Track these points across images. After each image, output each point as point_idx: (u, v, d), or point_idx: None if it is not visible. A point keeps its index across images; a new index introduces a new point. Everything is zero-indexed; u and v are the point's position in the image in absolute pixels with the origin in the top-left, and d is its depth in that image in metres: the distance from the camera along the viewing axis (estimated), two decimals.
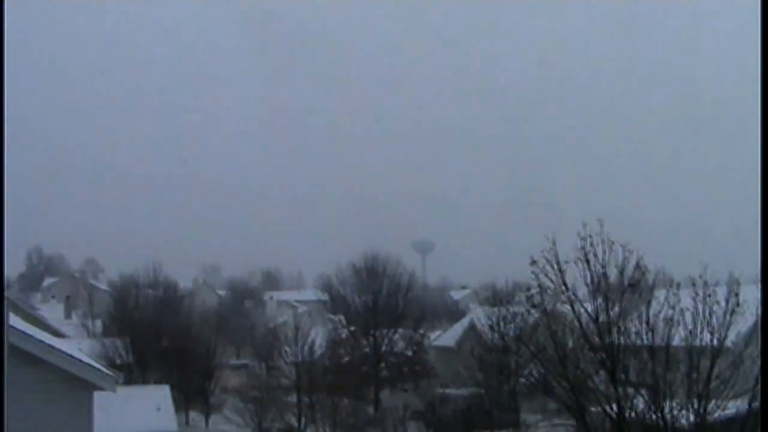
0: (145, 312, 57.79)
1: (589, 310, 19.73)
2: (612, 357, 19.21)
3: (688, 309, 18.50)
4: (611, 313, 19.49)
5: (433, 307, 76.32)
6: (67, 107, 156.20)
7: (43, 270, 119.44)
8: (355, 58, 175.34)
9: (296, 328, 48.91)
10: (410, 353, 54.36)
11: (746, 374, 18.02)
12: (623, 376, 19.31)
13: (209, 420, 45.87)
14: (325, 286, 61.55)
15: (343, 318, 56.87)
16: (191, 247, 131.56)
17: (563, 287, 19.73)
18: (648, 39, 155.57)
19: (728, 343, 18.87)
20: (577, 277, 19.67)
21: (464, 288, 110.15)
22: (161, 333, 48.52)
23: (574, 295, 19.83)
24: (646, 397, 19.04)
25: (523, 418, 38.85)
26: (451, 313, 78.62)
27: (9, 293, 31.08)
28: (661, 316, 18.93)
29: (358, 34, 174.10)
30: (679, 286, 19.43)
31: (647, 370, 18.90)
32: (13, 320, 13.26)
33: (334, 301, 59.88)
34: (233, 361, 65.86)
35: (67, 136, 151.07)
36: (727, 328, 18.55)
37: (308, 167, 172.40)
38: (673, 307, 18.70)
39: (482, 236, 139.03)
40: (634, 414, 19.16)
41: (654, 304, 19.34)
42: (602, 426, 20.16)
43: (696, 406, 18.58)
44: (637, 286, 19.82)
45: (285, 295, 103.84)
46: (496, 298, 43.06)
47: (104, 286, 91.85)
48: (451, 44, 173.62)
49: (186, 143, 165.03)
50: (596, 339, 19.73)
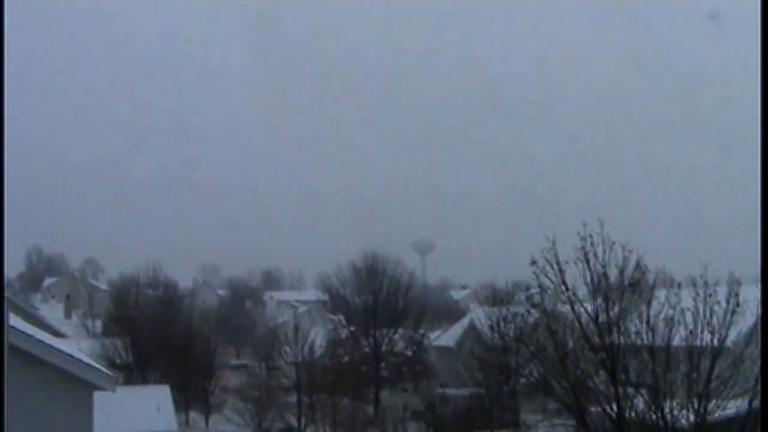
0: (145, 312, 57.78)
1: (589, 310, 19.73)
2: (612, 357, 19.21)
3: (688, 309, 18.50)
4: (611, 313, 19.49)
5: (433, 307, 76.32)
6: (67, 107, 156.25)
7: (43, 270, 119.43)
8: (355, 57, 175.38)
9: (296, 328, 48.94)
10: (410, 353, 54.38)
11: (746, 374, 18.02)
12: (623, 376, 19.32)
13: (209, 420, 45.88)
14: (325, 286, 61.58)
15: (343, 318, 56.89)
16: (191, 247, 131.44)
17: (563, 287, 19.73)
18: (648, 38, 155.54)
19: (728, 343, 18.87)
20: (577, 277, 19.69)
21: (464, 288, 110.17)
22: (161, 333, 48.49)
23: (574, 295, 19.84)
24: (646, 397, 19.05)
25: (523, 418, 38.85)
26: (451, 313, 78.63)
27: (9, 293, 31.06)
28: (662, 316, 18.94)
29: (358, 35, 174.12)
30: (679, 286, 19.44)
31: (647, 370, 18.91)
32: (13, 320, 13.26)
33: (334, 301, 59.90)
34: (233, 361, 65.88)
35: (67, 136, 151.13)
36: (728, 328, 18.56)
37: (308, 167, 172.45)
38: (674, 307, 18.70)
39: (482, 236, 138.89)
40: (634, 414, 19.17)
41: (654, 304, 19.34)
42: (602, 426, 20.15)
43: (696, 406, 18.58)
44: (637, 286, 19.83)
45: (285, 295, 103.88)
46: (496, 298, 43.02)
47: (104, 286, 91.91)
48: (450, 43, 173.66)
49: (186, 143, 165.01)
50: (596, 339, 19.73)
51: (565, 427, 28.39)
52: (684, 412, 18.81)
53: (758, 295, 9.50)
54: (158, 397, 30.30)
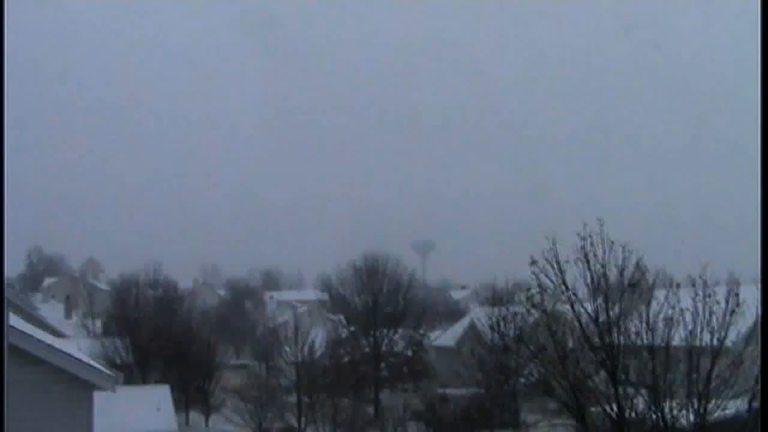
0: (145, 312, 57.72)
1: (589, 310, 19.73)
2: (612, 357, 19.21)
3: (688, 309, 18.50)
4: (611, 313, 19.49)
5: (433, 307, 76.29)
6: (66, 107, 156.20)
7: (43, 270, 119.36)
8: (355, 58, 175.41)
9: (296, 328, 48.92)
10: (410, 353, 54.39)
11: (746, 374, 18.01)
12: (623, 376, 19.31)
13: (209, 420, 45.86)
14: (325, 286, 61.55)
15: (343, 318, 56.89)
16: (191, 247, 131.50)
17: (563, 287, 19.74)
18: (648, 37, 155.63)
19: (728, 343, 18.87)
20: (577, 277, 19.69)
21: (464, 288, 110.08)
22: (161, 333, 48.47)
23: (574, 295, 19.84)
24: (646, 397, 19.04)
25: (523, 418, 38.85)
26: (451, 313, 78.56)
27: (9, 293, 31.03)
28: (661, 316, 18.94)
29: (358, 35, 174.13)
30: (679, 286, 19.43)
31: (647, 370, 18.90)
32: (13, 320, 13.26)
33: (334, 301, 59.89)
34: (233, 361, 65.85)
35: (67, 136, 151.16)
36: (727, 328, 18.56)
37: (308, 167, 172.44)
38: (673, 307, 18.70)
39: (482, 236, 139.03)
40: (634, 414, 19.16)
41: (654, 304, 19.34)
42: (602, 426, 20.15)
43: (696, 406, 18.58)
44: (637, 286, 19.84)
45: (285, 295, 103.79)
46: (496, 298, 43.07)
47: (104, 286, 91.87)
48: (450, 44, 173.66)
49: (186, 143, 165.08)
50: (596, 339, 19.73)
51: (565, 427, 28.41)
52: (684, 412, 18.80)
53: (758, 295, 9.48)
54: (158, 397, 30.33)
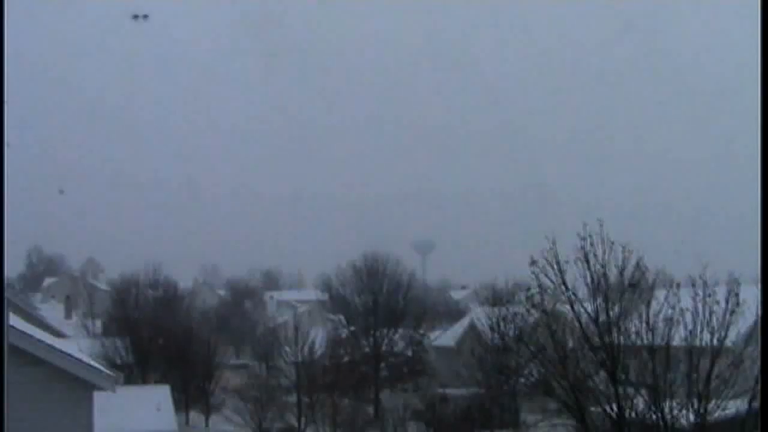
0: (145, 312, 57.77)
1: (589, 310, 19.73)
2: (612, 357, 19.22)
3: (688, 309, 18.50)
4: (611, 313, 19.49)
5: (433, 307, 76.28)
6: (66, 107, 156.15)
7: (43, 270, 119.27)
8: (355, 58, 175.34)
9: (296, 328, 48.97)
10: (410, 353, 54.41)
11: (746, 374, 18.01)
12: (623, 376, 19.31)
13: (209, 420, 45.85)
14: (325, 286, 61.57)
15: (343, 318, 56.89)
16: (191, 247, 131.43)
17: (563, 287, 19.74)
18: (648, 36, 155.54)
19: (728, 343, 18.86)
20: (577, 277, 19.69)
21: (464, 288, 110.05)
22: (161, 333, 48.49)
23: (574, 295, 19.84)
24: (646, 397, 19.04)
25: (523, 418, 38.84)
26: (451, 313, 78.54)
27: (9, 293, 31.02)
28: (661, 316, 18.94)
29: (358, 35, 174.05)
30: (679, 286, 19.43)
31: (647, 370, 18.90)
32: (13, 320, 13.26)
33: (334, 301, 59.90)
34: (233, 361, 65.81)
35: (67, 136, 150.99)
36: (727, 328, 18.56)
37: (308, 167, 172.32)
38: (673, 307, 18.71)
39: (482, 236, 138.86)
40: (634, 414, 19.17)
41: (654, 304, 19.34)
42: (602, 426, 20.16)
43: (696, 406, 18.58)
44: (637, 286, 19.83)
45: (285, 295, 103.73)
46: (496, 298, 43.05)
47: (104, 286, 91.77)
48: (450, 43, 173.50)
49: (186, 143, 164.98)
50: (596, 339, 19.74)
51: (565, 427, 28.41)
52: (684, 412, 18.81)
53: (758, 295, 9.48)
54: (158, 397, 30.31)
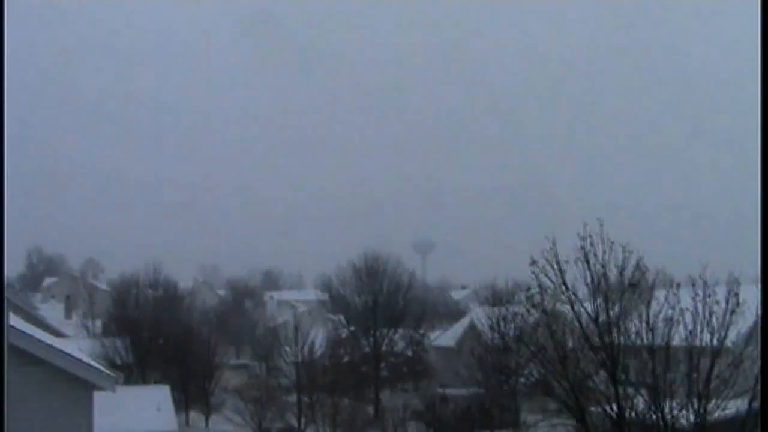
0: (145, 312, 57.73)
1: (589, 310, 19.71)
2: (612, 357, 19.20)
3: (688, 309, 18.48)
4: (611, 313, 19.47)
5: (433, 307, 76.32)
6: (66, 107, 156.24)
7: (43, 270, 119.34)
8: (355, 58, 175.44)
9: (296, 328, 48.96)
10: (410, 353, 54.42)
11: (746, 374, 17.99)
12: (623, 376, 19.30)
13: (209, 420, 45.85)
14: (325, 286, 61.59)
15: (343, 318, 56.91)
16: (191, 247, 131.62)
17: (563, 287, 19.71)
18: (648, 36, 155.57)
19: (728, 343, 18.85)
20: (577, 277, 19.66)
21: (464, 288, 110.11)
22: (161, 333, 48.49)
23: (574, 295, 19.81)
24: (646, 397, 19.03)
25: (523, 418, 38.85)
26: (451, 313, 78.58)
27: (9, 293, 31.03)
28: (661, 316, 18.91)
29: (358, 35, 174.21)
30: (679, 286, 19.41)
31: (647, 370, 18.88)
32: (13, 320, 13.25)
33: (334, 301, 59.91)
34: (233, 361, 65.85)
35: (67, 136, 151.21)
36: (727, 328, 18.53)
37: (308, 167, 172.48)
38: (673, 307, 18.68)
39: (482, 236, 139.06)
40: (634, 414, 19.15)
41: (654, 304, 19.31)
42: (602, 426, 20.15)
43: (696, 406, 18.57)
44: (637, 286, 19.80)
45: (285, 295, 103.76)
46: (496, 298, 43.04)
47: (104, 286, 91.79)
48: (450, 44, 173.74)
49: (186, 143, 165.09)
50: (596, 339, 19.71)
51: (565, 427, 28.41)
52: (684, 412, 18.79)
53: (758, 295, 9.48)
54: (158, 397, 30.31)
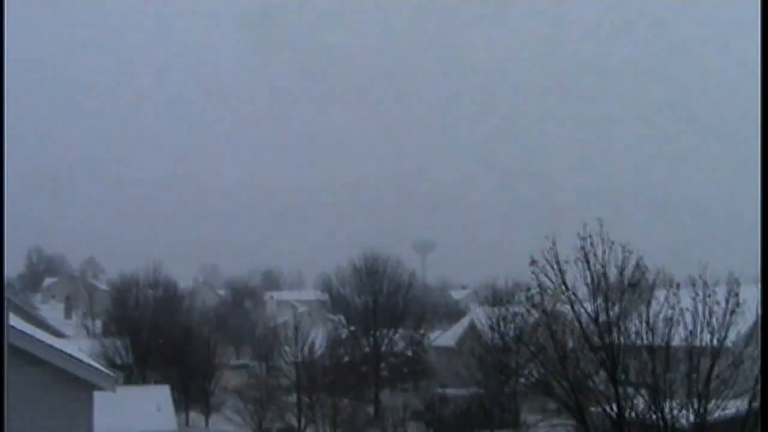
0: (145, 312, 57.75)
1: (589, 310, 19.71)
2: (612, 357, 19.20)
3: (688, 309, 18.48)
4: (611, 313, 19.47)
5: (433, 307, 76.30)
6: (66, 107, 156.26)
7: (43, 270, 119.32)
8: (355, 58, 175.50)
9: (296, 328, 48.96)
10: (410, 353, 54.42)
11: (746, 374, 18.00)
12: (623, 376, 19.30)
13: (209, 420, 45.85)
14: (325, 286, 61.60)
15: (343, 318, 56.91)
16: (191, 247, 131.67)
17: (563, 287, 19.71)
18: (648, 37, 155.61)
19: (728, 343, 18.85)
20: (577, 277, 19.66)
21: (464, 288, 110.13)
22: (161, 333, 48.49)
23: (574, 295, 19.81)
24: (646, 397, 19.03)
25: (523, 418, 38.86)
26: (451, 313, 78.59)
27: (9, 293, 31.04)
28: (661, 316, 18.92)
29: (358, 35, 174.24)
30: (679, 286, 19.41)
31: (647, 370, 18.88)
32: (13, 320, 13.26)
33: (334, 301, 59.92)
34: (233, 361, 65.85)
35: (67, 136, 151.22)
36: (727, 328, 18.53)
37: (308, 167, 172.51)
38: (673, 307, 18.68)
39: (482, 236, 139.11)
40: (634, 414, 19.16)
41: (654, 304, 19.31)
42: (602, 426, 20.15)
43: (696, 406, 18.57)
44: (637, 286, 19.80)
45: (285, 295, 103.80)
46: (496, 298, 43.02)
47: (104, 286, 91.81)
48: (451, 43, 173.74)
49: (186, 143, 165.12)
50: (596, 339, 19.71)
51: (565, 427, 28.42)
52: (684, 412, 18.79)
53: (758, 295, 9.49)
54: (158, 397, 30.30)
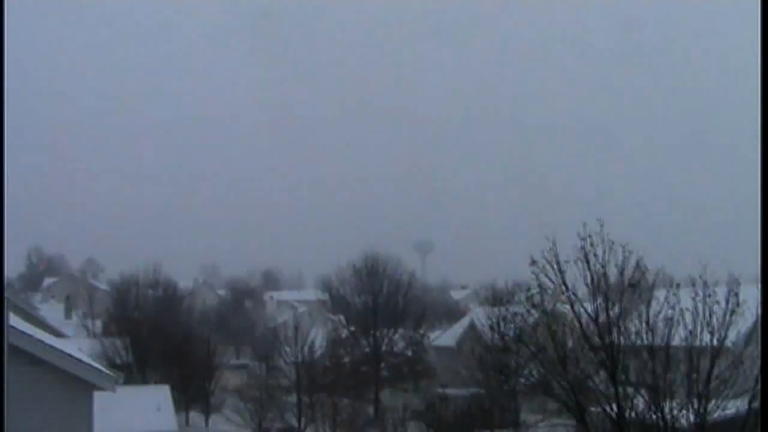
0: (145, 312, 57.75)
1: (589, 310, 19.70)
2: (612, 357, 19.19)
3: (688, 309, 18.48)
4: (611, 313, 19.46)
5: (433, 307, 76.27)
6: (66, 107, 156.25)
7: (43, 270, 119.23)
8: (355, 57, 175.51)
9: (296, 328, 48.94)
10: (410, 353, 54.40)
11: (746, 374, 18.00)
12: (623, 376, 19.30)
13: (209, 420, 45.85)
14: (325, 286, 61.56)
15: (343, 318, 56.89)
16: (191, 247, 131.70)
17: (563, 287, 19.70)
18: (648, 37, 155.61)
19: (728, 343, 18.85)
20: (577, 277, 19.65)
21: (464, 288, 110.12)
22: (161, 333, 48.47)
23: (574, 295, 19.80)
24: (646, 397, 19.03)
25: (523, 418, 38.85)
26: (451, 313, 78.55)
27: (9, 293, 31.05)
28: (661, 316, 18.92)
29: (358, 34, 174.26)
30: (679, 286, 19.41)
31: (647, 370, 18.88)
32: (13, 320, 13.25)
33: (334, 301, 59.90)
34: (233, 361, 65.84)
35: (67, 136, 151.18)
36: (727, 328, 18.54)
37: (308, 167, 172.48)
38: (673, 307, 18.69)
39: (482, 236, 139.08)
40: (634, 414, 19.15)
41: (654, 304, 19.32)
42: (602, 426, 20.15)
43: (696, 406, 18.57)
44: (637, 286, 19.80)
45: (285, 295, 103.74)
46: (496, 298, 42.99)
47: (104, 286, 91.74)
48: (450, 42, 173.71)
49: (186, 143, 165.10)
50: (596, 339, 19.71)
51: (565, 427, 28.43)
52: (684, 412, 18.80)
53: (758, 295, 9.49)
54: (158, 397, 30.30)
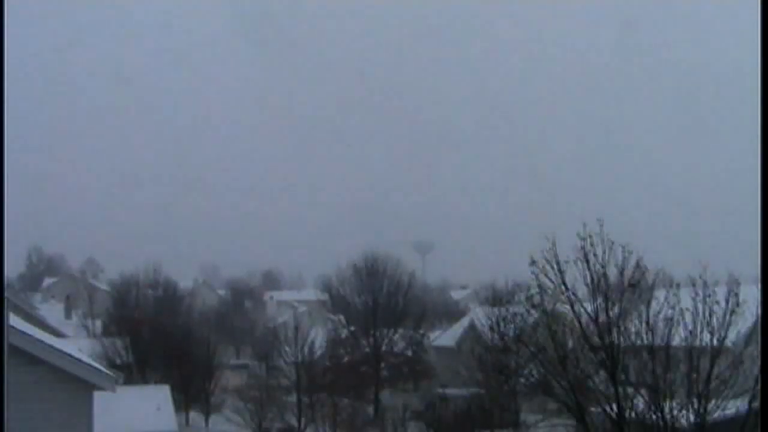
0: (145, 312, 57.83)
1: (589, 310, 19.71)
2: (612, 357, 19.20)
3: (688, 309, 18.49)
4: (611, 313, 19.48)
5: (433, 307, 76.32)
6: (66, 107, 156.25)
7: (43, 270, 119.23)
8: (355, 57, 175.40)
9: (296, 328, 48.96)
10: (410, 353, 54.39)
11: (746, 374, 18.02)
12: (623, 376, 19.31)
13: (209, 420, 45.86)
14: (325, 286, 61.58)
15: (343, 318, 56.90)
16: (191, 247, 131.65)
17: (563, 287, 19.72)
18: (648, 38, 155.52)
19: (728, 343, 18.86)
20: (577, 277, 19.66)
21: (464, 288, 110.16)
22: (161, 333, 48.51)
23: (574, 295, 19.82)
24: (646, 397, 19.04)
25: (523, 418, 38.85)
26: (451, 313, 78.60)
27: (9, 293, 31.07)
28: (661, 316, 18.93)
29: (358, 34, 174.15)
30: (679, 286, 19.43)
31: (647, 370, 18.89)
32: (13, 320, 13.25)
33: (334, 301, 59.91)
34: (233, 361, 65.88)
35: (67, 136, 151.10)
36: (727, 328, 18.55)
37: (308, 167, 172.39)
38: (673, 307, 18.70)
39: (482, 236, 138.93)
40: (634, 414, 19.17)
41: (654, 304, 19.33)
42: (602, 426, 20.16)
43: (696, 406, 18.58)
44: (637, 286, 19.81)
45: (285, 295, 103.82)
46: (496, 298, 43.04)
47: (104, 286, 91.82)
48: (449, 42, 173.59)
49: (186, 143, 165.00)
50: (596, 339, 19.72)
51: (565, 427, 28.43)
52: (684, 412, 18.81)
53: (758, 295, 9.50)
54: (158, 397, 30.32)
